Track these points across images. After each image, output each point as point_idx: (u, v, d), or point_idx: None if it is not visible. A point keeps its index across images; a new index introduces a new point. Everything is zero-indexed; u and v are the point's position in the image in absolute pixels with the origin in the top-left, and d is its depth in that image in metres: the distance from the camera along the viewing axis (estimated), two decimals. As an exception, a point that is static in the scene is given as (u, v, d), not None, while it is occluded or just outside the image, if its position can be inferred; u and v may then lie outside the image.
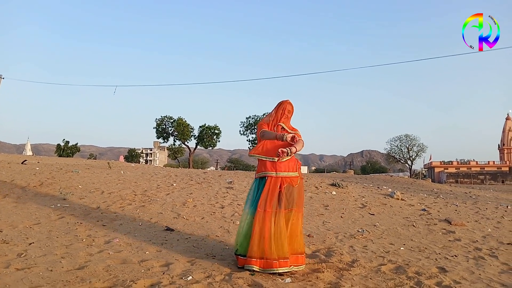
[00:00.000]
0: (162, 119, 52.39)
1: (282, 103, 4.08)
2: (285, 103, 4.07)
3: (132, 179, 9.64)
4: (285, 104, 4.06)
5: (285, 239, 3.70)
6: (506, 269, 4.42)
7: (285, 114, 4.03)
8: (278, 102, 4.12)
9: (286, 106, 4.05)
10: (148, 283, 3.25)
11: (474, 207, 9.82)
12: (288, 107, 4.05)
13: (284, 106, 4.05)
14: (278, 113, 4.04)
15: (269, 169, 3.84)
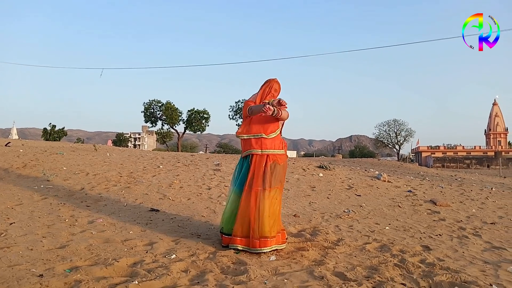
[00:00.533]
0: (150, 103, 51.85)
1: (269, 81, 3.98)
2: (273, 81, 3.97)
3: (118, 161, 9.53)
4: (272, 82, 3.96)
5: (268, 219, 3.67)
6: (489, 247, 4.47)
7: (271, 92, 3.93)
8: (265, 80, 4.02)
9: (273, 85, 3.95)
10: (131, 262, 3.21)
11: (459, 189, 9.94)
12: (275, 85, 3.96)
13: (271, 85, 3.95)
14: (265, 91, 3.94)
15: (254, 146, 3.78)
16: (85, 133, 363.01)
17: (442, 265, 3.50)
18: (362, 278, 3.12)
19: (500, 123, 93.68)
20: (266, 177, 3.71)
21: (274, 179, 3.75)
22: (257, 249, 3.64)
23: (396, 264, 3.51)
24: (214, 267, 3.19)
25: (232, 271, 3.15)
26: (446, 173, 18.04)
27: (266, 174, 3.72)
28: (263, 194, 3.68)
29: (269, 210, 3.68)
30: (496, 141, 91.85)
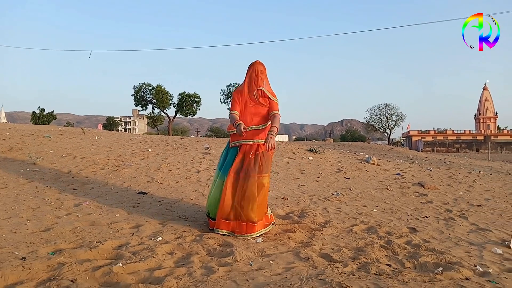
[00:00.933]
0: (140, 86, 51.37)
1: (252, 65, 3.90)
2: (255, 64, 3.89)
3: (107, 145, 9.43)
4: (255, 65, 3.88)
5: (254, 205, 3.63)
6: (475, 229, 4.52)
7: (258, 76, 3.84)
8: (249, 66, 3.94)
9: (256, 67, 3.86)
10: (116, 244, 3.18)
11: (447, 172, 10.02)
12: (259, 67, 3.87)
13: (255, 68, 3.86)
14: (252, 77, 3.85)
15: (246, 137, 3.73)
16: (75, 117, 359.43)
17: (428, 247, 3.53)
18: (347, 259, 3.13)
19: (490, 108, 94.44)
20: (257, 164, 3.68)
21: (265, 166, 3.72)
22: (243, 235, 3.63)
23: (382, 246, 3.53)
24: (200, 249, 3.18)
25: (218, 253, 3.14)
26: (436, 156, 18.17)
27: (257, 161, 3.69)
28: (251, 180, 3.64)
29: (259, 196, 3.66)
30: (486, 125, 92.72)
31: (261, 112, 3.82)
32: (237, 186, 3.64)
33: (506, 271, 3.04)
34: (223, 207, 3.64)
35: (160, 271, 2.62)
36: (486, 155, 33.65)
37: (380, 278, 2.66)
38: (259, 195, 3.67)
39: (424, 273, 2.87)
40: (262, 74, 3.87)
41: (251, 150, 3.73)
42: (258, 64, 3.89)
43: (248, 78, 3.87)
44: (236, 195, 3.63)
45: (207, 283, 2.44)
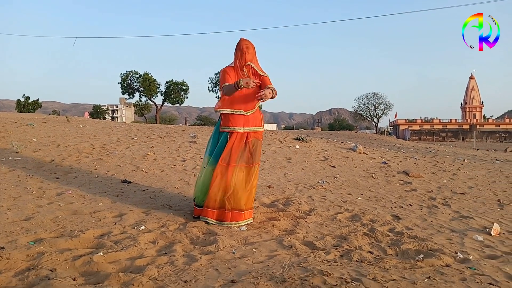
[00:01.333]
0: (127, 74, 50.73)
1: (237, 44, 3.75)
2: (240, 41, 3.75)
3: (91, 133, 9.32)
4: (240, 42, 3.74)
5: (243, 194, 3.62)
6: (457, 216, 4.57)
7: (244, 51, 3.68)
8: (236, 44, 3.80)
9: (241, 43, 3.72)
10: (98, 233, 3.15)
11: (432, 160, 10.13)
12: (245, 42, 3.72)
13: (240, 45, 3.72)
14: (238, 54, 3.71)
15: (235, 124, 3.65)
16: (61, 105, 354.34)
17: (410, 234, 3.56)
18: (330, 247, 3.14)
19: (476, 97, 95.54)
20: (247, 154, 3.65)
21: (255, 156, 3.70)
22: (231, 223, 3.61)
23: (365, 233, 3.55)
24: (183, 238, 3.17)
25: (201, 242, 3.13)
26: (421, 145, 18.37)
27: (247, 151, 3.65)
28: (240, 170, 3.61)
29: (248, 185, 3.65)
30: (472, 114, 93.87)
31: (249, 98, 3.68)
32: (227, 175, 3.58)
33: (486, 257, 3.09)
34: (211, 196, 3.60)
35: (142, 260, 2.60)
36: (472, 144, 34.11)
37: (361, 265, 2.68)
38: (248, 185, 3.65)
39: (406, 260, 2.90)
40: (248, 49, 3.71)
41: (242, 139, 3.66)
42: (242, 40, 3.75)
43: (236, 56, 3.74)
44: (225, 184, 3.58)
45: (188, 271, 2.42)
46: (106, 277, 2.30)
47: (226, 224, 3.59)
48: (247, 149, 3.66)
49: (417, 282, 2.39)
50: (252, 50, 3.74)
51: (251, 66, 3.71)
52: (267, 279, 2.32)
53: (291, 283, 2.27)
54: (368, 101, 76.90)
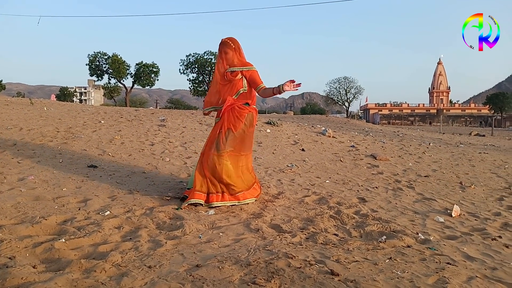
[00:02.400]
0: (95, 55, 49.28)
1: (219, 46, 3.90)
2: (219, 45, 3.89)
3: (56, 116, 9.04)
4: (219, 46, 3.89)
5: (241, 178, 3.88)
6: (420, 198, 4.71)
7: (222, 57, 3.86)
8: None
9: (219, 49, 3.89)
10: (61, 219, 3.07)
11: (399, 144, 10.37)
12: (221, 47, 3.86)
13: (219, 49, 3.90)
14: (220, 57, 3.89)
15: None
16: (27, 87, 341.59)
17: (375, 216, 3.65)
18: (297, 229, 3.18)
19: (443, 82, 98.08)
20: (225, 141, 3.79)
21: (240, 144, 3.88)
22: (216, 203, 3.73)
23: (331, 216, 3.62)
24: (149, 223, 3.13)
25: (167, 226, 3.10)
26: (390, 129, 18.77)
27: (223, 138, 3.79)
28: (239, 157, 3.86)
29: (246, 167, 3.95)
30: (439, 99, 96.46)
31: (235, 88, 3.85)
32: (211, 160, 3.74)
33: (445, 238, 3.20)
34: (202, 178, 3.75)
35: (105, 246, 2.56)
36: (438, 128, 35.13)
37: (326, 248, 2.73)
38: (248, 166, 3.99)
39: (369, 241, 2.97)
40: (226, 54, 3.84)
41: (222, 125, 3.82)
42: (220, 45, 3.88)
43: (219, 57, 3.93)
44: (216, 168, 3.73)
45: (153, 256, 2.40)
46: (67, 264, 2.25)
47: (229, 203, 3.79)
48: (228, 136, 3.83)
49: (379, 263, 2.46)
50: (230, 50, 3.83)
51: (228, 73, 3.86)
52: (232, 263, 2.33)
53: (255, 266, 2.29)
54: (340, 86, 77.68)
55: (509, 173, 7.00)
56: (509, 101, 62.87)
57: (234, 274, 2.17)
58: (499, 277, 2.38)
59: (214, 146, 3.76)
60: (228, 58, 3.84)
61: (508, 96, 63.73)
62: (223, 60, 3.87)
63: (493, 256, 2.78)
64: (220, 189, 3.77)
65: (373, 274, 2.28)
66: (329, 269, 2.29)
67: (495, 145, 13.61)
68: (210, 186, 3.75)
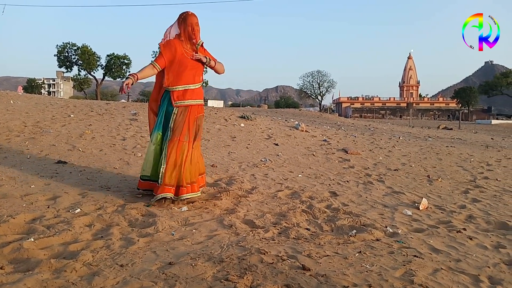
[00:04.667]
0: (64, 46, 47.88)
1: (185, 18, 3.60)
2: (189, 16, 3.60)
3: (23, 110, 8.77)
4: (190, 17, 3.60)
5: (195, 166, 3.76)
6: (390, 192, 4.84)
7: (195, 29, 3.61)
8: (180, 16, 3.64)
9: (192, 20, 3.60)
10: (29, 218, 3.00)
11: (370, 138, 10.58)
12: (194, 19, 3.61)
13: (190, 21, 3.58)
14: (188, 31, 3.60)
15: (188, 97, 3.62)
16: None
17: (346, 210, 3.73)
18: (270, 224, 3.22)
19: (413, 76, 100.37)
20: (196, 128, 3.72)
21: (200, 131, 3.82)
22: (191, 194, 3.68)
23: (304, 210, 3.67)
24: (121, 220, 3.10)
25: (140, 224, 3.08)
26: (361, 123, 19.10)
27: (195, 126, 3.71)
28: (192, 144, 3.69)
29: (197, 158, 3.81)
30: (409, 93, 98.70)
31: (200, 69, 3.73)
32: (187, 151, 3.61)
33: (413, 231, 3.31)
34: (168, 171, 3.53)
35: (76, 244, 2.52)
36: (408, 121, 35.97)
37: (298, 242, 2.78)
38: (196, 158, 3.77)
39: (340, 236, 3.04)
40: (197, 26, 3.64)
41: (195, 112, 3.69)
42: (193, 16, 3.63)
43: (184, 31, 3.62)
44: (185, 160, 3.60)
45: (125, 255, 2.39)
46: (36, 264, 2.21)
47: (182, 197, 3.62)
48: (197, 125, 3.75)
49: (349, 256, 2.53)
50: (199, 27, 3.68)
51: (202, 45, 3.72)
52: (205, 260, 2.34)
53: (228, 262, 2.31)
54: (313, 79, 78.38)
55: (474, 166, 7.27)
56: (475, 95, 65.06)
57: (207, 271, 2.19)
58: (462, 268, 2.49)
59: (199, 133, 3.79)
60: (199, 30, 3.66)
61: (475, 91, 65.89)
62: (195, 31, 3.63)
63: (458, 248, 2.90)
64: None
65: (343, 268, 2.34)
66: (301, 264, 2.33)
67: (462, 139, 14.07)
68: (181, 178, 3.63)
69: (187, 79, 3.63)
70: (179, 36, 3.65)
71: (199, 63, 3.68)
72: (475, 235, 3.26)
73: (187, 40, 3.64)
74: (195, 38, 3.63)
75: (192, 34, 3.61)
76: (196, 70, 3.69)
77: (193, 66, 3.65)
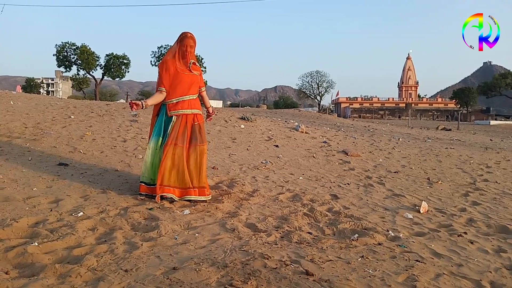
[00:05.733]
0: (63, 45, 47.75)
1: (183, 38, 3.94)
2: (187, 38, 3.94)
3: (24, 111, 8.75)
4: (187, 39, 3.94)
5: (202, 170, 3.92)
6: (390, 194, 4.86)
7: (188, 51, 3.94)
8: (180, 35, 3.99)
9: (187, 42, 3.93)
10: (32, 221, 3.01)
11: (370, 139, 10.60)
12: (190, 42, 3.94)
13: (186, 42, 3.93)
14: (182, 50, 3.93)
15: (184, 107, 3.91)
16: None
17: (347, 213, 3.75)
18: (272, 228, 3.23)
19: (412, 77, 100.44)
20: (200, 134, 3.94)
21: (204, 136, 4.02)
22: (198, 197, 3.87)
23: (305, 214, 3.69)
24: (124, 224, 3.11)
25: (143, 227, 3.09)
26: (361, 124, 19.12)
27: (200, 131, 3.95)
28: (200, 149, 3.92)
29: (204, 163, 3.96)
30: (408, 93, 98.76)
31: (195, 81, 4.02)
32: (182, 155, 3.83)
33: (414, 235, 3.33)
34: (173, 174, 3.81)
35: (80, 249, 2.53)
36: (407, 122, 36.00)
37: (300, 247, 2.79)
38: (204, 162, 3.94)
39: (342, 239, 3.05)
40: (192, 48, 3.98)
41: (191, 120, 3.93)
42: (189, 39, 3.94)
43: (179, 50, 3.95)
44: (183, 163, 3.82)
45: (129, 259, 2.40)
46: (41, 269, 2.22)
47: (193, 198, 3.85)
48: (199, 130, 3.96)
49: (351, 261, 2.54)
50: (194, 49, 4.02)
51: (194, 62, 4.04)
52: (209, 265, 2.35)
53: (232, 267, 2.32)
54: (312, 79, 78.34)
55: (474, 169, 7.29)
56: (474, 96, 65.08)
57: (211, 276, 2.20)
58: (464, 273, 2.51)
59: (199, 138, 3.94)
60: (192, 52, 4.00)
61: (474, 91, 65.93)
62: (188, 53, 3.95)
63: (459, 252, 2.92)
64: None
65: (346, 273, 2.36)
66: (304, 269, 2.34)
67: (461, 140, 14.11)
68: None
69: (182, 91, 3.92)
70: (175, 52, 3.99)
71: (193, 76, 4.00)
72: (476, 239, 3.28)
73: (180, 57, 3.97)
74: (186, 58, 3.96)
75: (185, 54, 3.94)
76: (191, 83, 3.98)
77: (187, 80, 3.95)
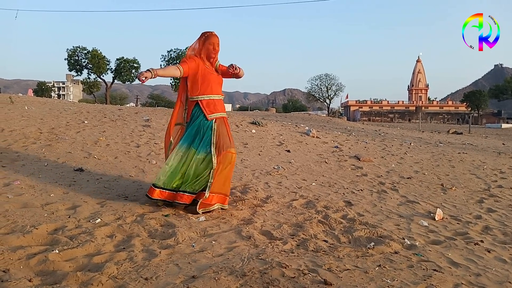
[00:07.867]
0: (74, 50, 48.38)
1: (209, 37, 3.80)
2: (212, 36, 3.81)
3: (38, 116, 8.88)
4: (213, 37, 3.80)
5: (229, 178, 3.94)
6: (404, 201, 4.84)
7: (216, 49, 3.82)
8: (204, 35, 3.83)
9: (214, 40, 3.80)
10: (52, 228, 3.05)
11: (381, 144, 10.55)
12: (216, 40, 3.81)
13: (212, 40, 3.79)
14: (209, 49, 3.79)
15: (218, 109, 3.82)
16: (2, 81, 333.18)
17: (362, 220, 3.74)
18: (287, 236, 3.24)
19: (422, 80, 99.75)
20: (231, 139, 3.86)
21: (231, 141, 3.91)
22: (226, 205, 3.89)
23: (320, 221, 3.69)
24: (141, 231, 3.14)
25: (160, 235, 3.12)
26: (371, 127, 19.05)
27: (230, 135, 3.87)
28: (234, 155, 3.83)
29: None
30: (418, 96, 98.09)
31: (221, 82, 3.96)
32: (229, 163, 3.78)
33: (430, 243, 3.31)
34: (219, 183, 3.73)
35: (100, 256, 2.56)
36: (417, 125, 35.74)
37: (317, 255, 2.79)
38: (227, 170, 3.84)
39: (358, 248, 3.05)
40: (218, 46, 3.85)
41: (222, 123, 3.82)
42: (215, 37, 3.82)
43: (205, 49, 3.81)
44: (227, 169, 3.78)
45: (148, 267, 2.43)
46: (63, 276, 2.25)
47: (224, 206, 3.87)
48: (229, 134, 3.87)
49: (369, 270, 2.54)
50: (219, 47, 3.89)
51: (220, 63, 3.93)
52: (228, 274, 2.37)
53: (250, 276, 2.33)
54: (321, 82, 78.23)
55: (488, 174, 7.23)
56: (485, 98, 64.49)
57: (231, 285, 2.22)
58: (483, 283, 2.49)
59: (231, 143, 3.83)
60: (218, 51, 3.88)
61: (485, 94, 65.32)
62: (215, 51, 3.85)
63: (476, 261, 2.90)
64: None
65: (364, 283, 2.36)
66: (322, 278, 2.35)
67: (473, 144, 13.98)
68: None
69: (213, 90, 3.82)
70: (199, 53, 3.84)
71: (220, 77, 3.91)
72: (493, 248, 3.25)
73: (206, 58, 3.84)
74: (213, 57, 3.84)
75: (212, 53, 3.81)
76: (218, 84, 3.91)
77: (215, 80, 3.86)
